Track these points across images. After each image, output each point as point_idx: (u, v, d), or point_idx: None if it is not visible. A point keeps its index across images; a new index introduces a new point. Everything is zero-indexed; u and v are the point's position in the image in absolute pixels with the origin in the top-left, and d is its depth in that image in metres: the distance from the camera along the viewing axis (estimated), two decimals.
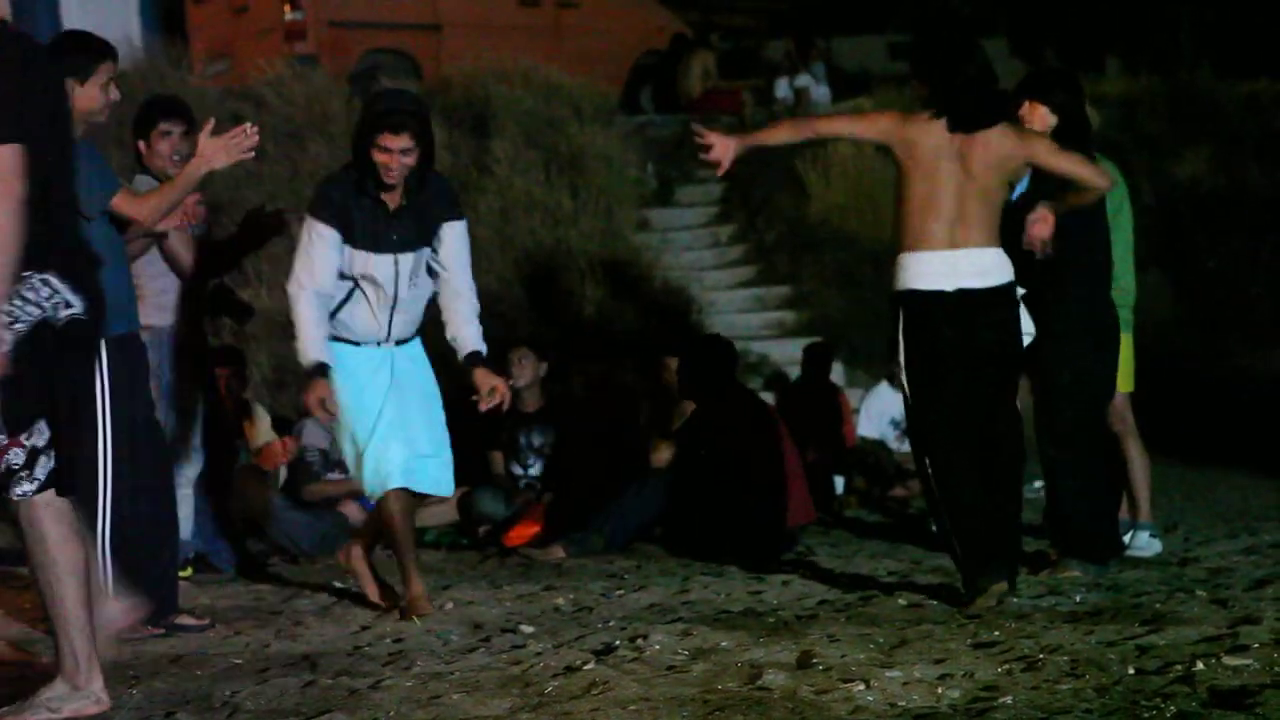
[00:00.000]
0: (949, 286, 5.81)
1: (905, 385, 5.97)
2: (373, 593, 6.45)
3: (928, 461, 5.88)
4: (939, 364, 5.85)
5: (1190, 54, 18.58)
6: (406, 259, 6.14)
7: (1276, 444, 11.51)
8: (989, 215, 5.87)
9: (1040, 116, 6.63)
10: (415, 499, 6.25)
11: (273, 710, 4.58)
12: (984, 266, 5.84)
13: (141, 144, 7.24)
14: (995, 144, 5.85)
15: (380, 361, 6.21)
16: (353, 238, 6.05)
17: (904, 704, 4.18)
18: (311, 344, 6.02)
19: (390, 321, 6.19)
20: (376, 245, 6.08)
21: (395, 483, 6.11)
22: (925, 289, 5.81)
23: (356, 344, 6.20)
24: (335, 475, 8.62)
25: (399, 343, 6.26)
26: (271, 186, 11.75)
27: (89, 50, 5.93)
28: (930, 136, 5.84)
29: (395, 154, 5.97)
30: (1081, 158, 6.07)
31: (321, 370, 5.99)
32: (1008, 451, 5.95)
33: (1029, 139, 6.01)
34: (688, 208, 14.91)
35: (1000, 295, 5.88)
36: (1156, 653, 4.62)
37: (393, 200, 6.09)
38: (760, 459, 7.83)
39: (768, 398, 10.85)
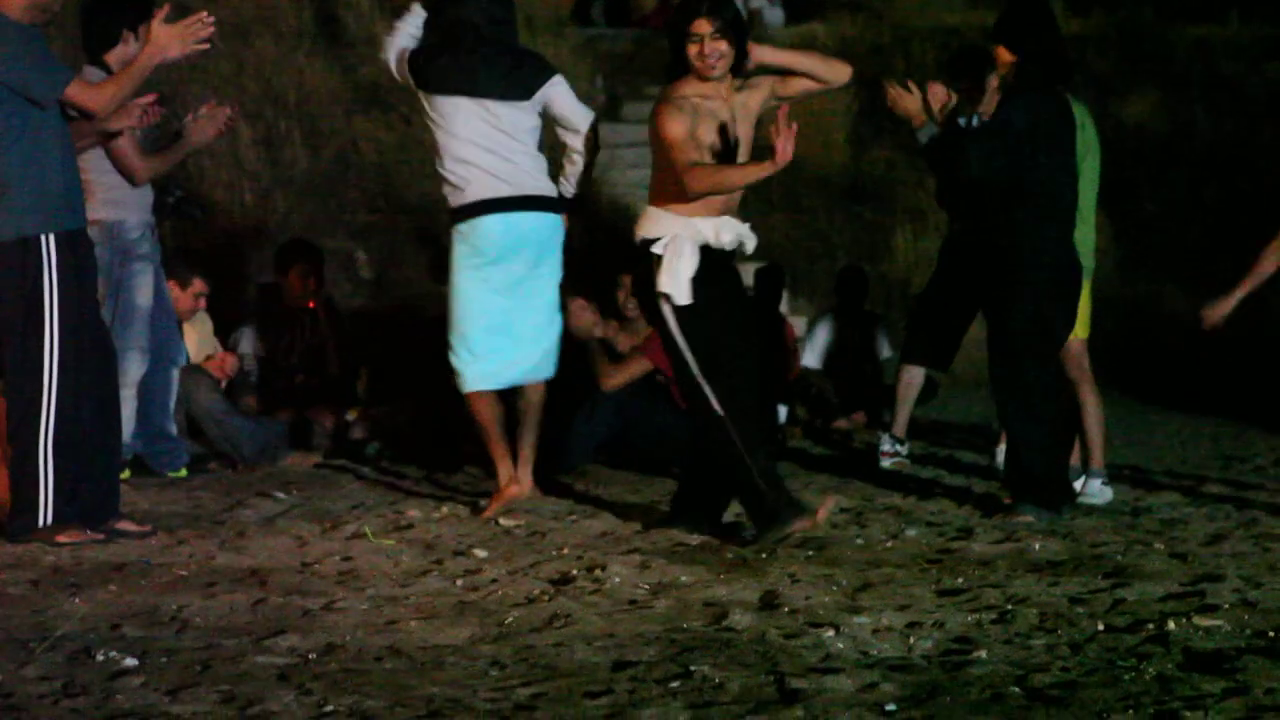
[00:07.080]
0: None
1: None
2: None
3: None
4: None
5: None
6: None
7: (1210, 389, 11.57)
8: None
9: (1004, 56, 6.63)
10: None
11: (223, 628, 4.46)
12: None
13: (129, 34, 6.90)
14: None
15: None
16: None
17: (876, 653, 4.10)
18: None
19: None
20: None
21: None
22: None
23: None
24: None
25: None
26: (217, 82, 11.44)
27: None
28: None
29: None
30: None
31: None
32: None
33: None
34: (635, 124, 14.65)
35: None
36: (1125, 609, 4.59)
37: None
38: None
39: None
